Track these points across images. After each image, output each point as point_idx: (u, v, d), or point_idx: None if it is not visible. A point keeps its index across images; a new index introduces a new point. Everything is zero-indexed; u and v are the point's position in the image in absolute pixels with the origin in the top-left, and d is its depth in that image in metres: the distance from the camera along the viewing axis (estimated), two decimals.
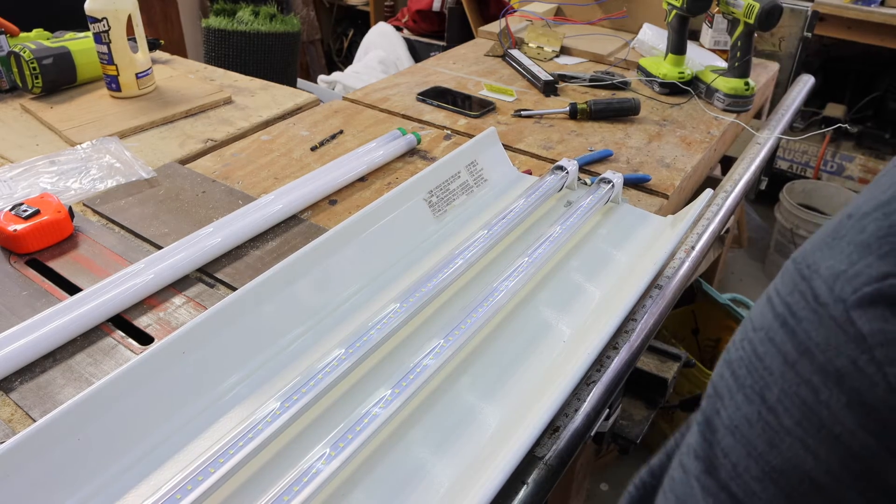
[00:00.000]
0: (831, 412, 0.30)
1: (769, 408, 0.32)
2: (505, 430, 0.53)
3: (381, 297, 0.67)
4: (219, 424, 0.53)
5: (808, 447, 0.31)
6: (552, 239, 0.71)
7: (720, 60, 1.31)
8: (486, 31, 1.55)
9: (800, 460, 0.32)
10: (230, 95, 1.18)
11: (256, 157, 0.97)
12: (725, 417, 0.34)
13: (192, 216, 0.82)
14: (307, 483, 0.45)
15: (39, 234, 0.74)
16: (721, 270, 1.94)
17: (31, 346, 0.59)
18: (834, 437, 0.31)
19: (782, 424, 0.32)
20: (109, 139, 0.99)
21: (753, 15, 1.07)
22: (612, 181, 0.82)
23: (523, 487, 0.50)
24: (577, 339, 0.62)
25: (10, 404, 0.56)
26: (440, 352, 0.56)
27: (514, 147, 1.02)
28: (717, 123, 1.12)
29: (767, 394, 0.33)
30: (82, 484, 0.47)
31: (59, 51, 1.12)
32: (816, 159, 2.28)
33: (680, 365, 0.78)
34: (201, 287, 0.70)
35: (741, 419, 0.33)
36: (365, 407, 0.51)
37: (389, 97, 1.19)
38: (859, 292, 0.29)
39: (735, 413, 0.34)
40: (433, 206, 0.77)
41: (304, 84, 2.43)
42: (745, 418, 0.33)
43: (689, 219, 0.73)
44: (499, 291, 0.63)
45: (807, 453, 0.32)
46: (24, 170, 0.90)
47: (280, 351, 0.60)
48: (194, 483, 0.44)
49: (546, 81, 1.21)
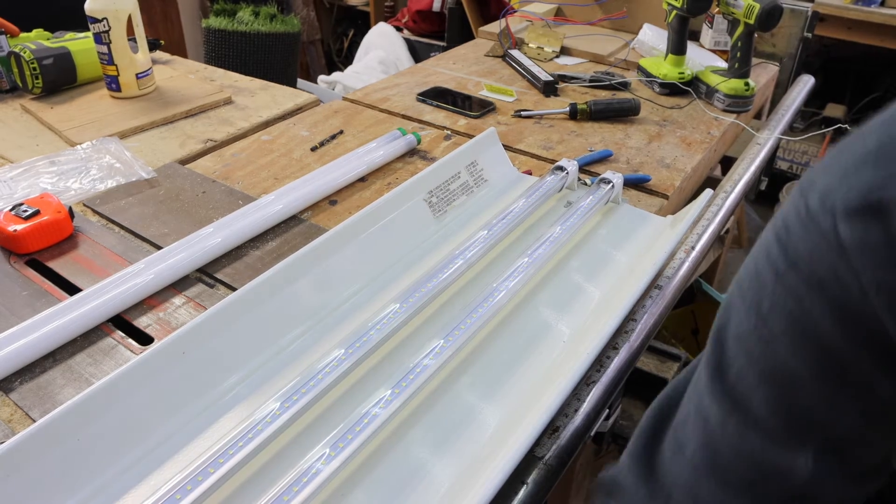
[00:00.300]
0: (812, 319, 0.33)
1: (762, 318, 0.35)
2: (505, 430, 0.53)
3: (381, 298, 0.67)
4: (219, 424, 0.53)
5: (793, 352, 0.34)
6: (552, 239, 0.71)
7: (720, 61, 1.31)
8: (486, 32, 1.55)
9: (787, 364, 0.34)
10: (230, 96, 1.18)
11: (256, 158, 0.97)
12: (732, 328, 0.37)
13: (192, 216, 0.82)
14: (307, 483, 0.45)
15: (39, 234, 0.74)
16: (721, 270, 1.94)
17: (31, 347, 0.59)
18: (815, 340, 0.33)
19: (773, 332, 0.35)
20: (109, 139, 0.99)
21: (753, 15, 1.07)
22: (612, 181, 0.82)
23: (523, 487, 0.50)
24: (576, 339, 0.62)
25: (10, 404, 0.56)
26: (440, 352, 0.56)
27: (514, 147, 1.02)
28: (717, 124, 1.12)
29: (762, 305, 0.35)
30: (82, 484, 0.47)
31: (59, 51, 1.12)
32: (816, 159, 2.28)
33: (680, 365, 0.78)
34: (201, 287, 0.70)
35: (743, 329, 0.37)
36: (365, 407, 0.51)
37: (389, 97, 1.19)
38: (846, 203, 0.31)
39: (738, 324, 0.37)
40: (433, 207, 0.77)
41: (304, 84, 2.44)
42: (745, 328, 0.36)
43: (689, 219, 0.73)
44: (499, 291, 0.64)
45: (793, 357, 0.34)
46: (24, 170, 0.90)
47: (280, 351, 0.60)
48: (194, 483, 0.45)
49: (546, 82, 1.21)
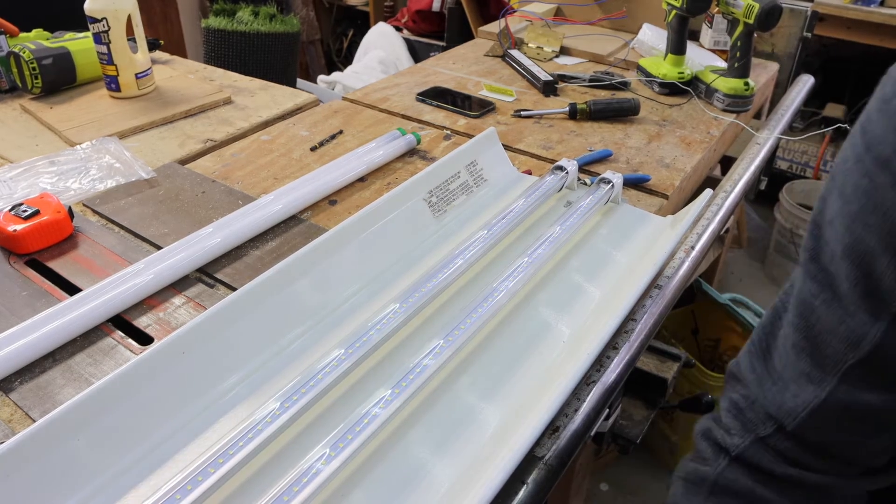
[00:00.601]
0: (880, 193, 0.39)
1: (846, 200, 0.41)
2: (505, 430, 0.53)
3: (380, 298, 0.67)
4: (219, 424, 0.53)
5: (867, 227, 0.40)
6: (552, 239, 0.71)
7: (720, 60, 1.31)
8: (486, 32, 1.55)
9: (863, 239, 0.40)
10: (230, 95, 1.18)
11: (256, 158, 0.97)
12: (827, 214, 0.43)
13: (192, 216, 0.82)
14: (307, 483, 0.45)
15: (39, 234, 0.74)
16: (721, 270, 1.94)
17: (30, 347, 0.59)
18: (882, 214, 0.39)
19: (853, 211, 0.40)
20: (109, 139, 0.99)
21: (753, 15, 1.07)
22: (612, 181, 0.82)
23: (523, 487, 0.50)
24: (576, 339, 0.62)
25: (10, 404, 0.56)
26: (440, 352, 0.56)
27: (514, 147, 1.02)
28: (717, 123, 1.12)
29: (846, 188, 0.41)
30: (82, 484, 0.47)
31: (58, 51, 1.12)
32: (816, 159, 2.28)
33: (680, 365, 0.78)
34: (201, 287, 0.70)
35: (833, 213, 0.42)
36: (365, 407, 0.51)
37: (389, 97, 1.19)
38: None
39: (830, 210, 0.43)
40: (433, 206, 0.77)
41: (304, 84, 2.43)
42: (834, 212, 0.42)
43: (689, 219, 0.73)
44: (499, 291, 0.63)
45: (867, 232, 0.41)
46: (23, 170, 0.90)
47: (280, 351, 0.60)
48: (194, 483, 0.44)
49: (546, 81, 1.21)
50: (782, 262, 2.17)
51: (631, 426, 0.74)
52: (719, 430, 0.53)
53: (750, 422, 0.50)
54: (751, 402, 0.51)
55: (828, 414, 0.45)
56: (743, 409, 0.51)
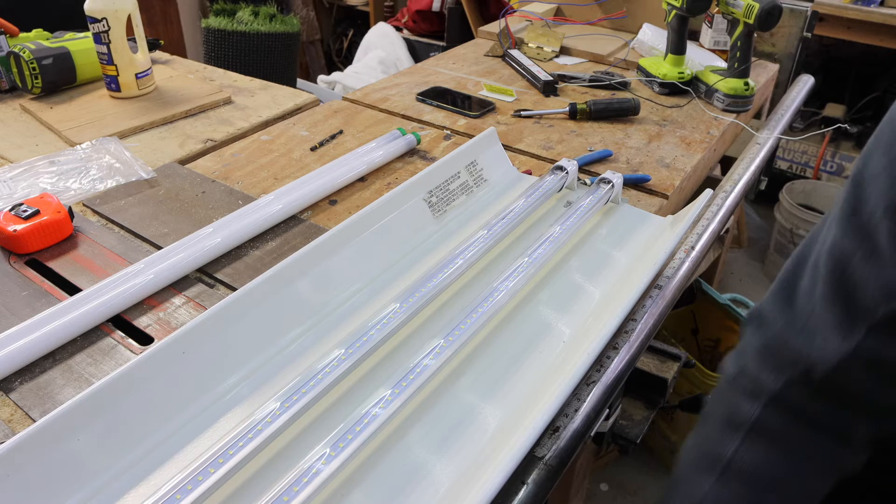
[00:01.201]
0: None
1: (891, 159, 0.41)
2: (505, 430, 0.53)
3: (381, 298, 0.67)
4: (219, 424, 0.53)
5: None
6: (552, 239, 0.71)
7: (720, 60, 1.31)
8: (486, 32, 1.55)
9: None
10: (230, 95, 1.18)
11: (256, 158, 0.97)
12: (870, 170, 0.43)
13: (192, 216, 0.82)
14: (307, 483, 0.45)
15: (39, 234, 0.74)
16: (721, 270, 1.94)
17: (30, 347, 0.59)
18: None
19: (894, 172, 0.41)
20: (109, 139, 0.99)
21: (753, 15, 1.07)
22: (612, 181, 0.82)
23: (523, 487, 0.50)
24: (576, 339, 0.62)
25: (10, 404, 0.56)
26: (440, 352, 0.56)
27: (514, 147, 1.02)
28: (717, 123, 1.12)
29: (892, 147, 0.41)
30: (82, 484, 0.47)
31: (58, 51, 1.12)
32: (816, 159, 2.28)
33: (680, 365, 0.78)
34: (201, 287, 0.70)
35: (877, 170, 0.43)
36: (365, 407, 0.51)
37: (389, 97, 1.19)
38: None
39: (873, 166, 0.43)
40: (433, 207, 0.77)
41: (304, 84, 2.44)
42: (878, 169, 0.43)
43: (689, 219, 0.73)
44: (499, 291, 0.63)
45: None
46: (23, 170, 0.90)
47: (280, 351, 0.60)
48: (194, 483, 0.45)
49: (546, 81, 1.21)
50: (782, 263, 2.17)
51: (631, 426, 0.74)
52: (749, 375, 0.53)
53: (783, 364, 0.51)
54: (783, 344, 0.51)
55: (855, 365, 0.46)
56: (774, 352, 0.52)
